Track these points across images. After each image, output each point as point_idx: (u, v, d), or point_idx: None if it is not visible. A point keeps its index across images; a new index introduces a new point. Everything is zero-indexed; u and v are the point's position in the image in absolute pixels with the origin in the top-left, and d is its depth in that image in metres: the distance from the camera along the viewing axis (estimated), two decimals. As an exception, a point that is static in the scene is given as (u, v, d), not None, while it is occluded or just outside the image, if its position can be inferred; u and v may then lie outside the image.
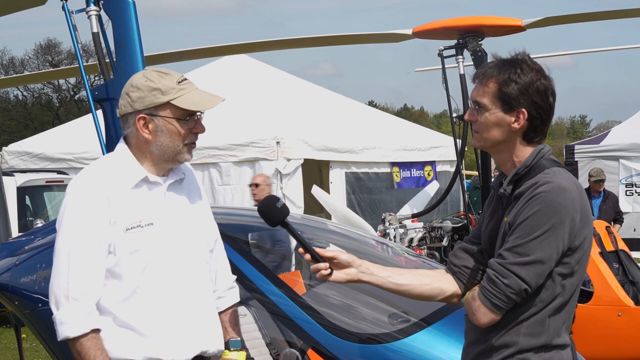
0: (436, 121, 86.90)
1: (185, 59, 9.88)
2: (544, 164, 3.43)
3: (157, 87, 3.78)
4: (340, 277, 3.56)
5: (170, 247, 3.85)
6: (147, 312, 3.80)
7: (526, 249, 3.29)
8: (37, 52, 62.90)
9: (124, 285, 3.78)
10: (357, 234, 6.92)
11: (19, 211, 14.45)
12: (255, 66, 19.14)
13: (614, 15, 10.71)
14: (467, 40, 9.83)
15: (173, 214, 3.90)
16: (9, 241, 6.08)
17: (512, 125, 3.44)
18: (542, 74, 3.45)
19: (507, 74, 3.43)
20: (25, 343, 10.91)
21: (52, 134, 19.79)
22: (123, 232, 3.76)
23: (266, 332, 5.29)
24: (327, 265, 3.54)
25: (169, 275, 3.84)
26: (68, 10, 5.30)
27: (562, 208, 3.29)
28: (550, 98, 3.46)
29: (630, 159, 20.70)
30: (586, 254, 3.42)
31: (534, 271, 3.30)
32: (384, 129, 18.54)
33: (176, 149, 3.83)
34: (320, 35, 10.41)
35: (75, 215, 3.76)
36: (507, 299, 3.34)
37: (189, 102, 3.80)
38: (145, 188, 3.85)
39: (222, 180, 15.51)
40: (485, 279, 3.39)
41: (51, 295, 3.77)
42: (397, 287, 3.60)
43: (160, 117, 3.79)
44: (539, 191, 3.32)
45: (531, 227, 3.29)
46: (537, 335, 3.38)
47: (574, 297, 3.42)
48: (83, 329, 3.70)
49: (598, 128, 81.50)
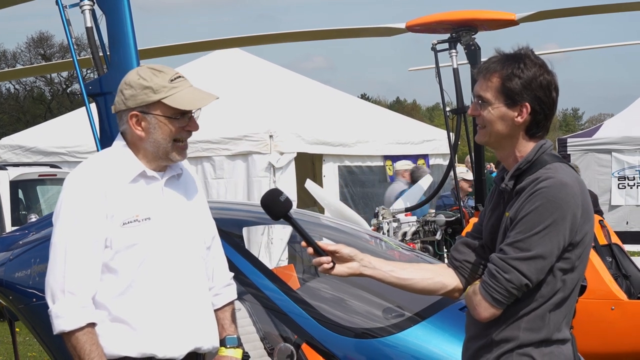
0: (429, 114, 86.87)
1: (178, 52, 9.89)
2: (545, 159, 3.45)
3: (149, 86, 3.79)
4: (343, 271, 3.57)
5: (167, 243, 3.86)
6: (141, 307, 3.80)
7: (527, 244, 3.31)
8: (30, 45, 62.84)
9: (120, 280, 3.78)
10: (350, 228, 6.93)
11: (12, 205, 14.44)
12: (248, 60, 19.12)
13: (607, 9, 10.73)
14: (461, 34, 9.83)
15: (170, 209, 3.90)
16: (3, 236, 6.08)
17: (515, 120, 3.46)
18: (545, 69, 3.47)
19: (510, 68, 3.45)
20: (19, 337, 10.90)
21: (45, 127, 19.75)
22: (120, 227, 3.76)
23: (260, 326, 5.29)
24: (330, 258, 3.55)
25: (165, 271, 3.84)
26: (62, 5, 5.29)
27: (563, 204, 3.30)
28: (553, 93, 3.48)
29: (623, 152, 20.74)
30: (587, 250, 3.43)
31: (535, 266, 3.31)
32: (377, 123, 18.54)
33: (167, 146, 3.84)
34: (313, 30, 10.40)
35: (72, 209, 3.76)
36: (508, 294, 3.35)
37: (180, 101, 3.81)
38: (142, 183, 3.86)
39: (216, 174, 15.50)
40: (487, 273, 3.40)
41: (47, 288, 3.77)
42: (399, 281, 3.61)
43: (152, 114, 3.81)
44: (540, 186, 3.33)
45: (532, 223, 3.31)
46: (537, 330, 3.39)
47: (574, 292, 3.44)
48: (79, 323, 3.71)
49: (590, 121, 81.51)
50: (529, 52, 3.51)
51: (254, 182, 14.96)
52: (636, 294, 9.03)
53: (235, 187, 15.17)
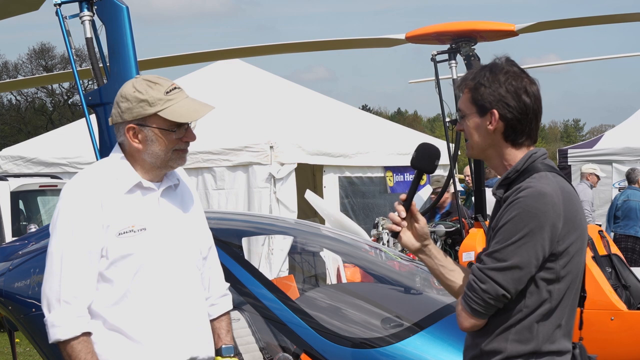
0: (430, 125, 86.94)
1: (178, 63, 9.90)
2: (536, 168, 3.44)
3: (145, 99, 3.81)
4: (408, 241, 3.53)
5: (162, 253, 3.87)
6: (137, 316, 3.81)
7: (504, 254, 3.30)
8: (31, 56, 62.91)
9: (115, 289, 3.80)
10: (350, 238, 6.93)
11: (12, 216, 14.44)
12: (249, 70, 19.13)
13: (607, 20, 10.74)
14: (460, 45, 9.83)
15: (166, 219, 3.92)
16: (3, 246, 6.09)
17: (488, 128, 3.47)
18: (513, 75, 3.47)
19: (477, 78, 3.48)
20: (19, 348, 10.90)
21: (46, 138, 19.75)
22: (115, 237, 3.78)
23: (259, 336, 5.30)
24: (405, 224, 3.53)
25: (160, 281, 3.86)
26: (62, 16, 5.31)
27: (540, 213, 3.29)
28: (523, 97, 3.45)
29: (623, 163, 20.69)
30: (575, 260, 3.39)
31: (511, 276, 3.30)
32: (378, 134, 18.53)
33: (167, 157, 3.86)
34: (313, 40, 10.41)
35: (68, 219, 3.78)
36: (485, 304, 3.34)
37: (175, 114, 3.82)
38: (139, 193, 3.87)
39: (216, 184, 15.51)
40: (467, 284, 3.41)
41: (43, 298, 3.79)
42: (443, 277, 3.57)
43: (148, 127, 3.82)
44: (518, 196, 3.33)
45: (509, 233, 3.30)
46: (525, 342, 3.37)
47: (563, 302, 3.40)
48: (74, 332, 3.73)
49: (591, 132, 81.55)
50: (502, 60, 3.52)
51: (255, 192, 14.95)
52: (636, 304, 9.03)
53: (235, 198, 15.17)
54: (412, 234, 3.54)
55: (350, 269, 8.67)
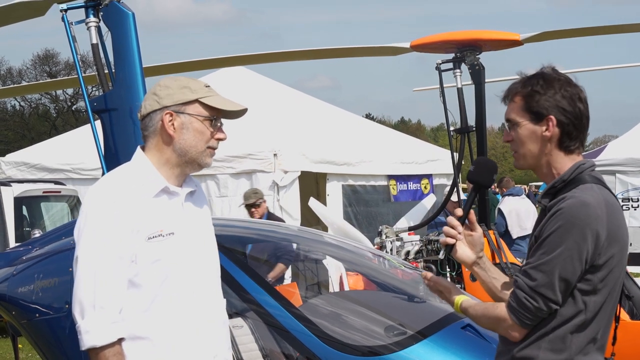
0: (433, 134, 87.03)
1: (183, 70, 9.89)
2: (582, 179, 3.45)
3: (187, 86, 3.84)
4: (464, 254, 3.63)
5: (189, 258, 3.86)
6: (165, 323, 3.78)
7: (551, 266, 3.31)
8: (35, 62, 63.03)
9: (144, 295, 3.76)
10: (354, 246, 6.93)
11: (16, 221, 14.45)
12: (253, 78, 19.15)
13: (611, 31, 10.74)
14: (465, 54, 9.85)
15: (191, 224, 3.91)
16: (7, 251, 6.08)
17: (544, 134, 3.47)
18: (566, 83, 3.49)
19: (530, 86, 3.49)
20: (21, 353, 10.88)
21: (50, 144, 19.78)
22: (145, 241, 3.74)
23: (263, 343, 5.30)
24: (461, 237, 3.61)
25: (187, 286, 3.84)
26: (67, 22, 5.31)
27: (584, 225, 3.29)
28: (578, 104, 3.48)
29: (627, 174, 20.69)
30: (613, 273, 3.40)
31: (560, 289, 3.32)
32: (381, 142, 18.54)
33: (198, 149, 3.85)
34: (318, 48, 10.42)
35: (98, 223, 3.73)
36: (538, 318, 3.38)
37: (217, 101, 3.86)
38: (165, 197, 3.85)
39: (220, 192, 15.52)
40: (515, 299, 3.40)
41: (76, 303, 3.72)
42: (495, 290, 3.63)
43: (187, 114, 3.82)
44: (561, 207, 3.34)
45: (555, 244, 3.31)
46: (557, 352, 3.38)
47: (599, 315, 3.41)
48: (110, 338, 3.68)
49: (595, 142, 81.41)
50: (550, 69, 3.54)
51: (258, 200, 14.95)
52: (639, 314, 9.01)
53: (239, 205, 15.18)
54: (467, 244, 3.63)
55: (353, 277, 8.67)
